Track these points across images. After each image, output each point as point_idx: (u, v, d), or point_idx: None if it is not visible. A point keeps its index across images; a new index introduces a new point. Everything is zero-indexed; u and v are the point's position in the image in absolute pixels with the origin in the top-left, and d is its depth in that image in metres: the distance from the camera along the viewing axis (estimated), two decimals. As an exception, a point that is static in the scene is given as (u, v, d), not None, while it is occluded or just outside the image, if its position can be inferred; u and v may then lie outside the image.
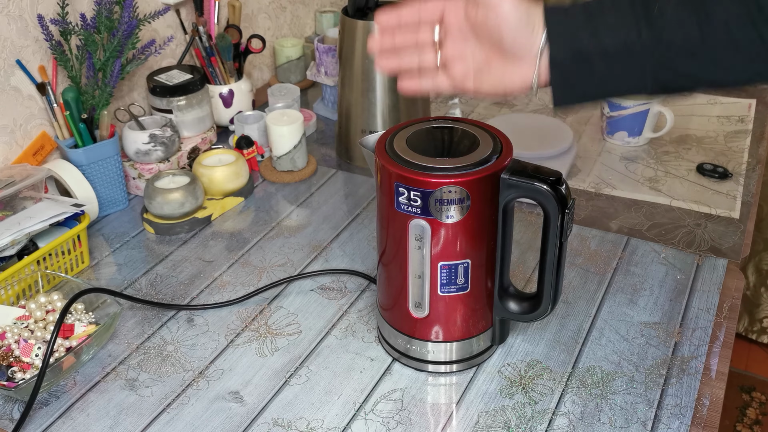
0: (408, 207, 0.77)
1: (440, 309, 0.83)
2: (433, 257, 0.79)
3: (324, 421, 0.83)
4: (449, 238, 0.78)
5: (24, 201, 1.06)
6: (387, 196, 0.79)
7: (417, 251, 0.79)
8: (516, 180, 0.76)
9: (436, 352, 0.86)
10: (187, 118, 1.32)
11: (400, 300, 0.84)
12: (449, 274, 0.80)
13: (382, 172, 0.78)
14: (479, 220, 0.78)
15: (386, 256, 0.84)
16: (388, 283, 0.86)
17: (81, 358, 0.90)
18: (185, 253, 1.11)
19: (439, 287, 0.81)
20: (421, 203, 0.76)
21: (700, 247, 1.08)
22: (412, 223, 0.78)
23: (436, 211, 0.76)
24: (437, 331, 0.85)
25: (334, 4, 1.87)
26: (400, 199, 0.77)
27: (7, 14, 1.12)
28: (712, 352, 0.90)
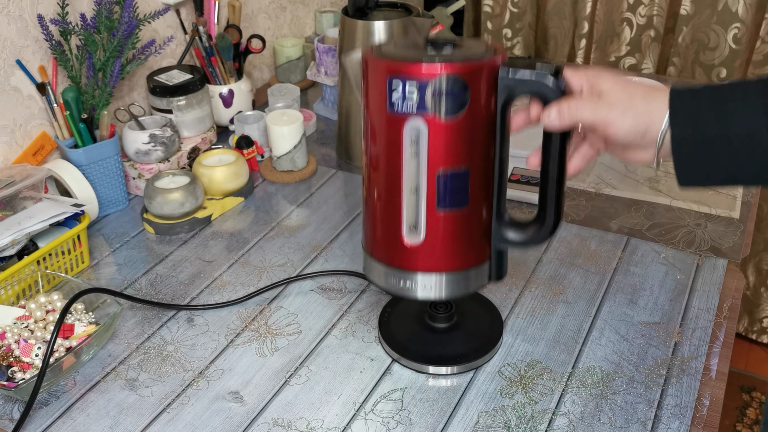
0: (402, 106, 0.70)
1: (437, 231, 0.76)
2: (431, 163, 0.72)
3: (324, 421, 0.83)
4: (447, 138, 0.71)
5: (24, 201, 1.06)
6: (378, 99, 0.72)
7: (412, 159, 0.72)
8: (514, 74, 0.71)
9: (427, 286, 0.79)
10: (187, 118, 1.32)
11: (392, 228, 0.77)
12: (447, 186, 0.73)
13: (373, 72, 0.72)
14: (478, 119, 0.72)
15: (375, 176, 0.76)
16: (376, 209, 0.78)
17: (81, 358, 0.90)
18: (185, 253, 1.11)
19: (437, 202, 0.74)
20: (417, 98, 0.70)
21: (700, 247, 1.08)
22: (408, 125, 0.71)
23: (434, 105, 0.70)
24: (431, 261, 0.77)
25: (334, 4, 1.87)
26: (394, 98, 0.70)
27: (7, 14, 1.12)
28: (712, 352, 0.90)
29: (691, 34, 1.86)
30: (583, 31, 1.97)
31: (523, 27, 2.07)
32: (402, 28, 1.24)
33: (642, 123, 0.68)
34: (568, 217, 1.16)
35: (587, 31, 1.97)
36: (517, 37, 2.09)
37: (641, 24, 1.92)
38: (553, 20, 2.03)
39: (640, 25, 1.93)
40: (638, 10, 1.91)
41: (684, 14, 1.85)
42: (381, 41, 0.75)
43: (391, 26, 1.23)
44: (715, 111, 0.65)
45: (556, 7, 2.01)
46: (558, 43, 2.05)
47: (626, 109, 0.68)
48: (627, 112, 0.68)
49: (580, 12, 1.96)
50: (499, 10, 2.08)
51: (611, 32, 1.97)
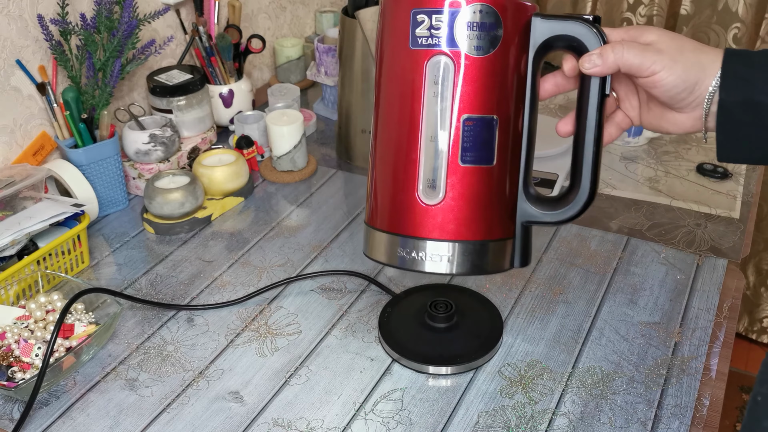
0: (428, 39, 0.62)
1: (458, 190, 0.65)
2: (455, 107, 0.64)
3: (324, 421, 0.83)
4: (477, 78, 0.63)
5: (24, 201, 1.06)
6: (398, 36, 0.64)
7: (433, 101, 0.63)
8: (550, 19, 0.65)
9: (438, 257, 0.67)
10: (187, 118, 1.32)
11: (404, 186, 0.66)
12: (474, 135, 0.64)
13: (394, 8, 0.64)
14: (509, 63, 0.64)
15: (388, 128, 0.67)
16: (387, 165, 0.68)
17: (81, 358, 0.90)
18: (185, 253, 1.11)
19: (461, 154, 0.64)
20: (446, 29, 0.62)
21: (700, 247, 1.08)
22: (431, 61, 0.63)
23: (464, 39, 0.62)
24: (447, 226, 0.66)
25: (334, 4, 1.87)
26: (418, 32, 0.62)
27: (7, 14, 1.12)
28: (712, 352, 0.90)
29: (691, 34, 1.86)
30: (583, 31, 1.97)
31: (523, 27, 2.07)
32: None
33: (692, 74, 0.62)
34: (568, 217, 1.16)
35: (587, 31, 1.97)
36: (517, 37, 2.09)
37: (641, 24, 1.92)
38: (553, 20, 2.03)
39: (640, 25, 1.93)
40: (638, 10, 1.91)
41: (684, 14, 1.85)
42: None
43: (391, 26, 1.23)
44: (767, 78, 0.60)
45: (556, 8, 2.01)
46: (558, 43, 2.05)
47: (676, 58, 0.62)
48: (677, 60, 0.62)
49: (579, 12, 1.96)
50: (499, 10, 2.08)
51: (611, 32, 1.97)
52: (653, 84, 0.64)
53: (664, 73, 0.63)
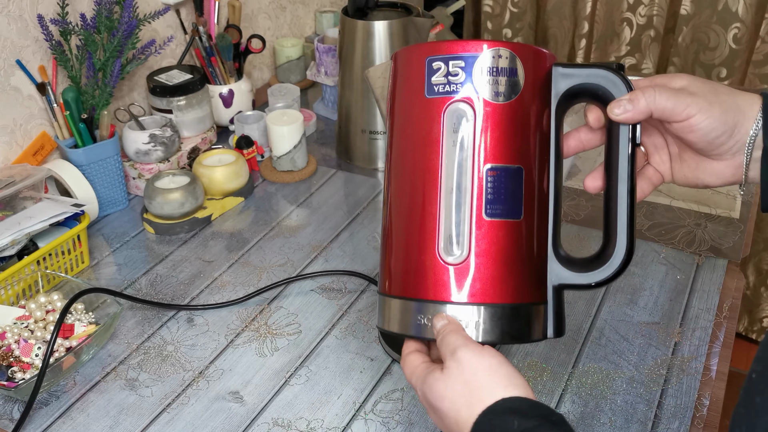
0: (445, 86, 0.58)
1: (483, 246, 0.59)
2: (477, 156, 0.58)
3: (324, 421, 0.83)
4: (498, 125, 0.59)
5: (24, 201, 1.06)
6: (412, 87, 0.60)
7: (452, 150, 0.58)
8: (571, 67, 0.61)
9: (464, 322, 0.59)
10: (187, 118, 1.32)
11: (424, 241, 0.60)
12: (498, 185, 0.58)
13: (407, 61, 0.61)
14: (531, 111, 0.60)
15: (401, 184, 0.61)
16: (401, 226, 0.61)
17: (81, 358, 0.90)
18: (185, 253, 1.11)
19: (485, 206, 0.58)
20: (464, 75, 0.58)
21: (700, 247, 1.08)
22: (449, 108, 0.59)
23: (483, 84, 0.58)
24: (473, 287, 0.59)
25: (334, 4, 1.87)
26: (434, 79, 0.59)
27: (7, 14, 1.12)
28: (712, 352, 0.90)
29: (691, 34, 1.86)
30: (583, 31, 1.97)
31: (523, 27, 2.07)
32: (402, 28, 1.24)
33: (730, 117, 0.58)
34: (568, 217, 1.16)
35: (587, 31, 1.97)
36: (517, 37, 2.09)
37: (641, 24, 1.92)
38: (553, 20, 2.03)
39: (640, 25, 1.93)
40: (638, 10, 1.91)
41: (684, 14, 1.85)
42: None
43: (391, 26, 1.23)
44: None
45: (556, 7, 2.01)
46: (558, 43, 2.05)
47: (711, 100, 0.58)
48: (712, 102, 0.58)
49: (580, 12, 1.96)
50: (499, 10, 2.08)
51: (611, 32, 1.97)
52: (690, 128, 0.59)
53: (701, 116, 0.58)
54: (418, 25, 1.26)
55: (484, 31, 2.12)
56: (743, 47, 1.80)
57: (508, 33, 2.10)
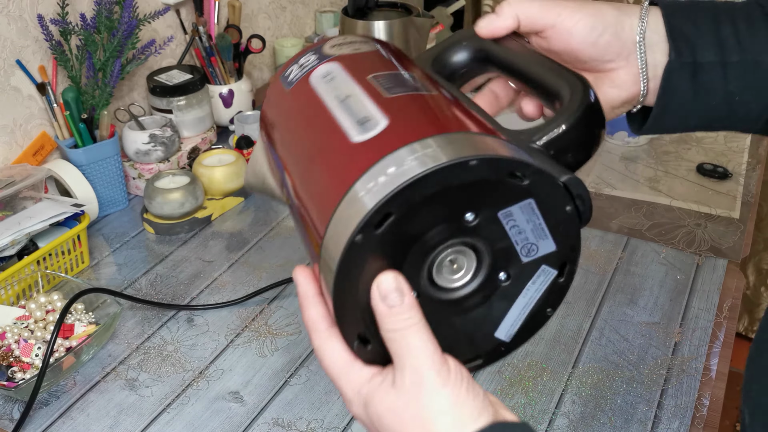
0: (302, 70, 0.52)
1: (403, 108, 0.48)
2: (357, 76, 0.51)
3: (324, 421, 0.83)
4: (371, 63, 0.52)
5: (24, 201, 1.06)
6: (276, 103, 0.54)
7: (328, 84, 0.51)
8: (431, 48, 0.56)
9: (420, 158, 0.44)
10: (187, 118, 1.32)
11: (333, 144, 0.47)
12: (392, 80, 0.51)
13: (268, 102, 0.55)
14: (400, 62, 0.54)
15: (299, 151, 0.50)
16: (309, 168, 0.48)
17: (81, 358, 0.90)
18: (185, 253, 1.11)
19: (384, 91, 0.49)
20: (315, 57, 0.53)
21: (700, 247, 1.08)
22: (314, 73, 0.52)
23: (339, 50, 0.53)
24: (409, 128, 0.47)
25: (334, 4, 1.87)
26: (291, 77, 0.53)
27: (7, 14, 1.12)
28: (712, 352, 0.90)
29: None
30: (583, 31, 1.97)
31: (523, 27, 2.07)
32: (402, 28, 1.24)
33: (608, 11, 0.54)
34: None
35: (587, 31, 1.97)
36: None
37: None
38: (553, 20, 2.03)
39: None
40: (638, 10, 1.91)
41: (684, 14, 1.85)
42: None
43: (391, 26, 1.23)
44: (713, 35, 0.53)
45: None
46: (558, 43, 2.05)
47: (582, 5, 0.54)
48: (584, 6, 0.54)
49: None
50: (499, 10, 2.08)
51: (611, 32, 1.97)
52: (567, 32, 0.54)
53: (574, 15, 0.53)
54: (418, 25, 1.25)
55: (484, 31, 2.12)
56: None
57: (508, 33, 2.10)
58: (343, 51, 0.53)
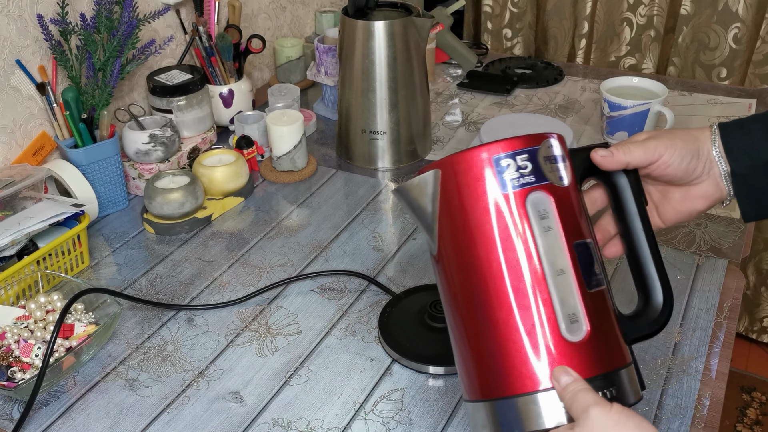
0: (519, 179, 0.61)
1: (596, 318, 0.61)
2: (567, 236, 0.61)
3: (324, 421, 0.83)
4: (569, 205, 0.62)
5: (24, 201, 1.06)
6: (483, 187, 0.61)
7: (547, 234, 0.60)
8: (579, 150, 0.68)
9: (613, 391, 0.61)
10: (187, 118, 1.32)
11: (543, 327, 0.59)
12: (586, 259, 0.61)
13: (469, 163, 0.62)
14: (578, 189, 0.65)
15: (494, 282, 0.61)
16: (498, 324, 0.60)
17: (81, 358, 0.90)
18: (185, 253, 1.11)
19: (586, 281, 0.61)
20: (531, 166, 0.61)
21: (701, 247, 1.08)
22: (531, 197, 0.61)
23: (550, 171, 0.62)
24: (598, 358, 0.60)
25: (334, 4, 1.87)
26: (506, 176, 0.61)
27: (7, 14, 1.12)
28: (712, 352, 0.90)
29: (692, 34, 1.86)
30: (583, 31, 1.97)
31: (523, 27, 2.07)
32: (402, 28, 1.24)
33: (692, 143, 0.70)
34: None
35: (587, 31, 1.97)
36: (517, 37, 2.09)
37: (641, 24, 1.92)
38: (553, 20, 2.03)
39: (640, 25, 1.93)
40: (638, 10, 1.91)
41: (684, 14, 1.85)
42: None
43: (391, 26, 1.23)
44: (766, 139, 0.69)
45: (556, 7, 2.01)
46: (558, 43, 2.05)
47: (672, 138, 0.70)
48: (673, 139, 0.70)
49: (580, 12, 1.96)
50: (499, 10, 2.08)
51: (611, 32, 1.97)
52: (665, 165, 0.70)
53: (670, 151, 0.69)
54: (418, 25, 1.26)
55: (484, 31, 2.12)
56: (743, 47, 1.79)
57: (507, 33, 2.10)
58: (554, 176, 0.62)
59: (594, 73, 1.70)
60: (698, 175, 0.71)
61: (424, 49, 1.30)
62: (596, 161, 0.68)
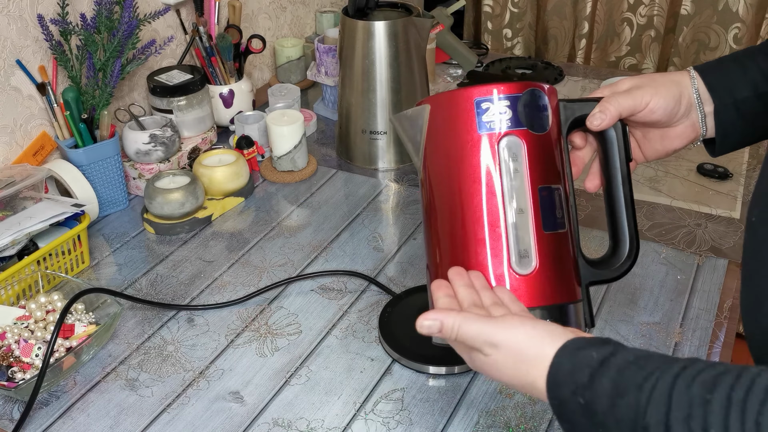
0: (496, 123, 0.67)
1: (547, 257, 0.67)
2: (532, 180, 0.67)
3: (324, 421, 0.83)
4: (542, 152, 0.68)
5: (24, 201, 1.06)
6: (462, 126, 0.68)
7: (515, 176, 0.67)
8: (573, 102, 0.72)
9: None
10: (187, 118, 1.32)
11: (497, 257, 0.66)
12: (550, 204, 0.67)
13: (453, 102, 0.69)
14: (557, 138, 0.70)
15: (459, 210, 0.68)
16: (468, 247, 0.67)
17: (81, 358, 0.90)
18: (185, 253, 1.11)
19: (544, 223, 0.67)
20: (510, 113, 0.67)
21: (701, 247, 1.08)
22: (504, 141, 0.67)
23: (527, 119, 0.67)
24: (540, 293, 0.67)
25: (334, 4, 1.87)
26: (485, 118, 0.67)
27: (7, 14, 1.12)
28: (712, 352, 0.90)
29: (692, 34, 1.86)
30: (583, 31, 1.97)
31: (523, 27, 2.07)
32: (402, 28, 1.24)
33: (674, 89, 0.73)
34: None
35: (587, 31, 1.97)
36: (517, 37, 2.09)
37: (641, 24, 1.92)
38: (553, 20, 2.03)
39: (640, 25, 1.93)
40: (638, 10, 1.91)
41: (684, 14, 1.85)
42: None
43: (391, 26, 1.23)
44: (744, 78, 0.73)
45: (556, 7, 2.01)
46: (558, 43, 2.05)
47: (655, 85, 0.73)
48: (656, 86, 0.73)
49: (580, 12, 1.96)
50: (499, 10, 2.08)
51: (611, 32, 1.97)
52: (652, 111, 0.73)
53: (656, 99, 0.72)
54: (418, 25, 1.26)
55: (484, 32, 2.12)
56: (743, 47, 1.79)
57: (508, 33, 2.10)
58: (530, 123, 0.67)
59: (594, 73, 1.70)
60: (679, 118, 0.74)
61: (425, 49, 1.30)
62: (593, 127, 0.72)
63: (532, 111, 0.68)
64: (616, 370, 0.52)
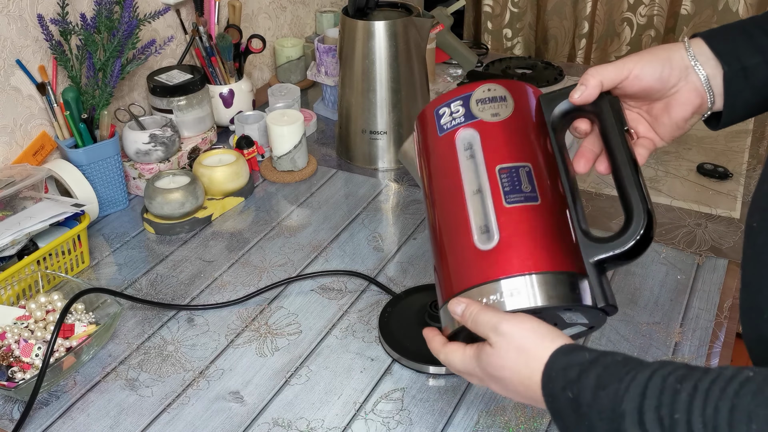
0: (451, 122, 0.73)
1: (512, 226, 0.68)
2: (488, 162, 0.70)
3: (324, 421, 0.83)
4: (501, 137, 0.71)
5: (24, 201, 1.06)
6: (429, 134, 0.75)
7: (469, 162, 0.71)
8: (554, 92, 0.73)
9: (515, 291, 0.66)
10: (187, 118, 1.32)
11: (462, 239, 0.69)
12: (511, 180, 0.69)
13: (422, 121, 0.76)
14: (527, 121, 0.72)
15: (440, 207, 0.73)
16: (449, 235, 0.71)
17: (81, 358, 0.90)
18: (185, 253, 1.11)
19: (504, 196, 0.69)
20: (463, 110, 0.72)
21: (701, 247, 1.08)
22: (459, 134, 0.72)
23: (481, 111, 0.72)
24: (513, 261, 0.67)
25: (335, 4, 1.87)
26: (443, 121, 0.73)
27: (7, 14, 1.12)
28: (712, 352, 0.90)
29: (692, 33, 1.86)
30: (583, 31, 1.97)
31: (523, 27, 2.07)
32: (402, 28, 1.24)
33: (661, 54, 0.70)
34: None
35: (587, 31, 1.97)
36: (517, 37, 2.09)
37: (641, 24, 1.92)
38: (553, 20, 2.03)
39: (640, 24, 1.93)
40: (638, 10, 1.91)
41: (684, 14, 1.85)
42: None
43: (392, 26, 1.23)
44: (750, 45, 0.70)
45: (556, 7, 2.01)
46: (558, 43, 2.05)
47: (640, 54, 0.71)
48: (642, 54, 0.71)
49: (580, 12, 1.96)
50: (499, 10, 2.08)
51: (611, 32, 1.97)
52: (638, 78, 0.70)
53: (639, 65, 0.70)
54: (418, 25, 1.26)
55: (484, 31, 2.12)
56: (743, 47, 1.79)
57: (508, 33, 2.10)
58: (485, 114, 0.72)
59: (594, 73, 1.70)
60: (674, 83, 0.71)
61: (425, 49, 1.30)
62: (576, 102, 0.71)
63: (484, 103, 0.72)
64: (603, 368, 0.56)
